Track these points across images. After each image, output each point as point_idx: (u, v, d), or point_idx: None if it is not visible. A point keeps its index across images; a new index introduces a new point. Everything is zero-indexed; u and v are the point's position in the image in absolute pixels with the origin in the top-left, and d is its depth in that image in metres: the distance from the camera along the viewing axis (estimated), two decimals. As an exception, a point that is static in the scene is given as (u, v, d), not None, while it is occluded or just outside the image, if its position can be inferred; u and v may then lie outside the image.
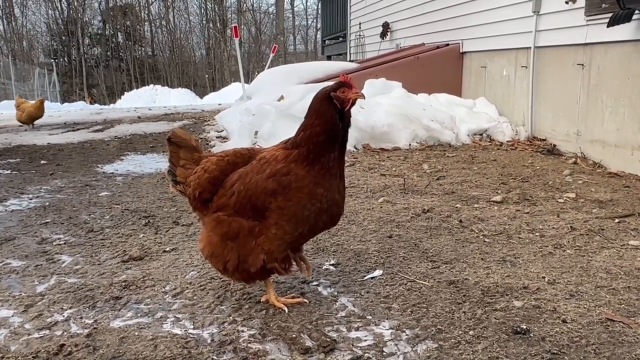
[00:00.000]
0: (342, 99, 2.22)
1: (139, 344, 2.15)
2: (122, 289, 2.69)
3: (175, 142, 2.51)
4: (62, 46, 44.05)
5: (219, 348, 2.11)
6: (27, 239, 3.55)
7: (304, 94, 7.20)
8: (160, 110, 15.45)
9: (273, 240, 2.25)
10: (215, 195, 2.36)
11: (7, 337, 2.25)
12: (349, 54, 15.07)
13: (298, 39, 48.42)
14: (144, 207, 4.32)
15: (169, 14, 44.88)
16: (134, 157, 7.04)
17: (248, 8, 45.15)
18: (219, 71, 42.78)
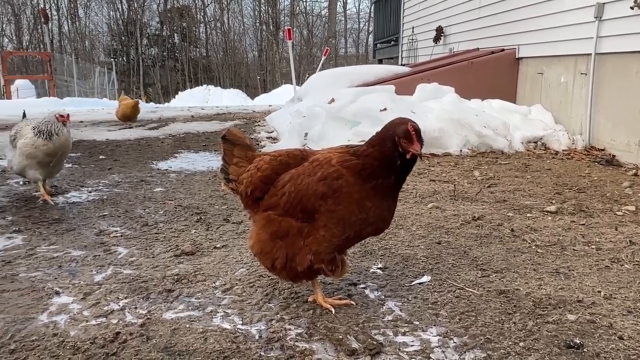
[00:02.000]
0: (404, 148, 2.21)
1: (190, 336, 2.22)
2: (175, 282, 2.78)
3: (229, 140, 2.57)
4: (121, 46, 45.72)
5: (266, 345, 2.15)
6: (86, 230, 3.71)
7: (355, 97, 7.22)
8: (213, 110, 15.79)
9: (321, 242, 2.27)
10: (266, 194, 2.40)
11: (67, 323, 2.36)
12: (401, 57, 14.97)
13: (349, 42, 48.49)
14: (196, 203, 4.43)
15: (224, 15, 45.80)
16: (187, 155, 7.23)
17: (301, 11, 45.56)
18: (270, 73, 43.33)
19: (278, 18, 44.01)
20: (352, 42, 48.79)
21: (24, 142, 4.26)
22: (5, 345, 2.16)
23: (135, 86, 42.18)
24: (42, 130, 4.24)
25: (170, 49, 45.87)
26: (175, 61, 45.32)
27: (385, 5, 17.41)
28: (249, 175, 2.44)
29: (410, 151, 2.20)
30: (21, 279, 2.85)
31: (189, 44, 45.36)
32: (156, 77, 43.32)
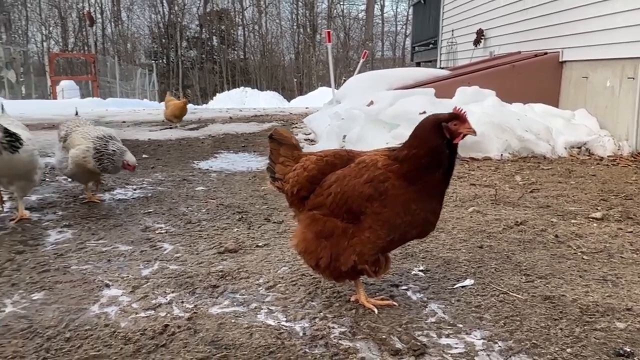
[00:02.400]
0: (453, 131, 2.22)
1: (236, 331, 2.26)
2: (219, 278, 2.84)
3: (276, 139, 2.60)
4: (161, 48, 46.74)
5: (310, 342, 2.17)
6: (132, 226, 3.82)
7: (394, 100, 7.20)
8: (250, 112, 15.97)
9: (366, 243, 2.28)
10: (312, 193, 2.42)
11: (117, 314, 2.44)
12: (439, 60, 14.84)
13: (386, 45, 48.34)
14: (237, 203, 4.50)
15: (262, 18, 46.30)
16: (226, 155, 7.35)
17: (338, 14, 45.66)
18: (306, 75, 43.58)
19: (315, 21, 44.24)
20: (388, 45, 48.64)
21: (77, 153, 4.14)
22: (60, 333, 2.25)
23: (174, 88, 43.02)
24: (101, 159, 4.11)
25: (209, 51, 46.64)
26: (213, 63, 46.07)
27: (425, 8, 17.31)
28: (295, 174, 2.47)
29: (462, 131, 2.20)
30: (73, 271, 2.95)
31: (227, 46, 46.03)
32: (195, 79, 44.11)
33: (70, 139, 4.27)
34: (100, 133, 4.23)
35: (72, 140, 4.24)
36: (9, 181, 3.80)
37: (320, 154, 2.51)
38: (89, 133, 4.22)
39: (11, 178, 3.77)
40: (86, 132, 4.25)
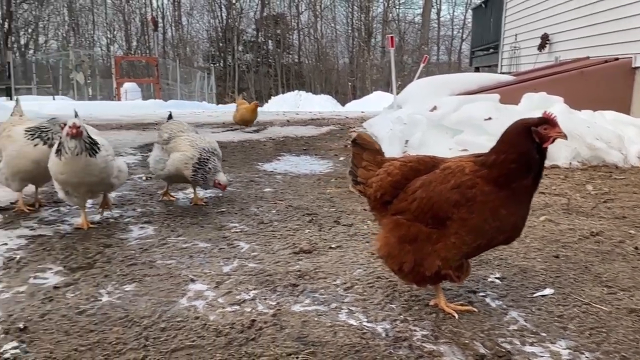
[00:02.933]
0: (543, 136, 2.22)
1: (320, 329, 2.34)
2: (298, 277, 2.92)
3: (359, 144, 2.66)
4: (219, 52, 47.88)
5: (394, 343, 2.22)
6: (208, 225, 3.97)
7: (458, 105, 7.14)
8: (307, 115, 16.15)
9: (451, 248, 2.31)
10: (395, 198, 2.47)
11: (205, 308, 2.56)
12: (500, 66, 14.56)
13: (442, 49, 47.75)
14: (305, 205, 4.60)
15: (317, 22, 46.68)
16: (289, 158, 7.48)
17: (394, 18, 45.47)
18: (360, 80, 43.59)
19: (371, 25, 44.22)
20: (444, 49, 48.04)
21: (180, 158, 4.23)
22: (155, 323, 2.39)
23: (231, 90, 43.96)
24: (198, 170, 4.18)
25: (264, 55, 47.42)
26: (268, 67, 46.80)
27: (485, 12, 17.02)
28: (379, 179, 2.52)
29: (552, 135, 2.20)
30: (158, 266, 3.11)
31: (283, 50, 46.65)
32: (250, 82, 44.92)
33: (175, 143, 4.35)
34: (207, 145, 4.31)
35: (178, 144, 4.32)
36: (89, 191, 3.75)
37: (404, 159, 2.56)
38: (197, 142, 4.30)
39: (89, 185, 3.68)
40: (194, 140, 4.33)
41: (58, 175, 3.59)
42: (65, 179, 3.58)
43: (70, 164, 3.49)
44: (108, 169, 3.72)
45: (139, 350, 2.14)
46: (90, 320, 2.41)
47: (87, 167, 3.53)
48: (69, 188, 3.67)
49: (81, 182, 3.61)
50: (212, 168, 4.20)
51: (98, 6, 48.32)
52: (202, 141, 4.35)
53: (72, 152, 3.44)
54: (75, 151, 3.44)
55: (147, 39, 47.02)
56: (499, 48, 14.94)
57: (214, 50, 48.23)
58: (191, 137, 4.37)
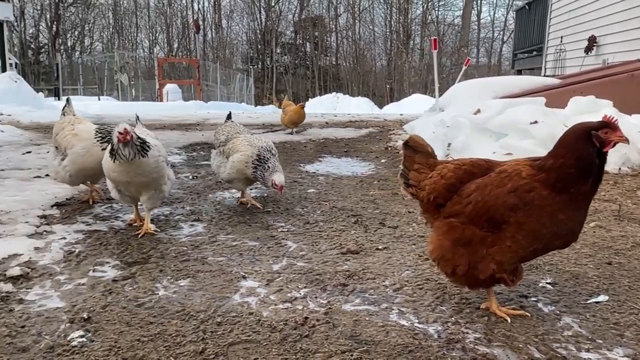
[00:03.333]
0: (603, 140, 2.20)
1: (372, 328, 2.37)
2: (347, 277, 2.96)
3: (411, 147, 2.67)
4: (257, 54, 48.43)
5: (447, 345, 2.23)
6: (255, 224, 4.05)
7: (502, 109, 7.04)
8: (345, 117, 16.16)
9: (506, 252, 2.30)
10: (449, 201, 2.47)
11: (258, 304, 2.63)
12: (544, 68, 14.28)
13: (481, 51, 47.06)
14: (349, 206, 4.63)
15: (355, 24, 46.69)
16: (330, 159, 7.53)
17: (433, 20, 45.09)
18: (398, 82, 43.37)
19: (409, 27, 43.96)
20: (484, 51, 47.34)
21: (240, 158, 4.24)
22: (211, 317, 2.46)
23: (268, 92, 44.41)
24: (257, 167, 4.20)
25: (302, 57, 47.71)
26: (306, 69, 47.07)
27: (529, 14, 16.72)
28: (432, 182, 2.52)
29: (613, 140, 2.17)
30: (210, 262, 3.20)
31: (320, 52, 46.84)
32: (288, 84, 45.28)
33: (233, 144, 4.37)
34: (264, 144, 4.32)
35: (236, 145, 4.34)
36: (138, 191, 3.73)
37: (457, 162, 2.56)
38: (255, 142, 4.32)
39: (140, 187, 3.67)
40: (251, 139, 4.35)
41: (110, 173, 3.64)
42: (117, 177, 3.61)
43: (124, 165, 3.51)
44: (160, 169, 3.71)
45: (198, 343, 2.22)
46: (149, 313, 2.50)
47: (139, 167, 3.53)
48: (121, 186, 3.71)
49: (132, 182, 3.62)
50: (270, 167, 4.19)
51: (141, 9, 49.55)
52: (260, 140, 4.37)
53: (127, 159, 3.45)
54: (129, 157, 3.45)
55: (188, 41, 47.96)
56: (543, 50, 14.65)
57: (252, 52, 48.81)
58: (249, 137, 4.39)
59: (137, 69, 34.40)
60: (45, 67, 44.53)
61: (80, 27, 48.40)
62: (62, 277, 2.95)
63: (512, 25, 35.89)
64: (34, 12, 46.29)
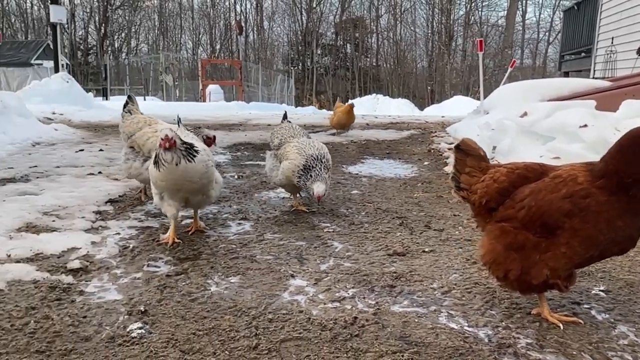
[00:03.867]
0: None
1: (421, 330, 2.38)
2: (394, 279, 2.97)
3: (463, 150, 2.65)
4: (298, 55, 48.74)
5: (498, 349, 2.22)
6: (301, 224, 4.10)
7: (550, 111, 6.90)
8: (386, 119, 16.13)
9: (560, 258, 2.27)
10: (501, 205, 2.45)
11: (307, 303, 2.67)
12: (593, 70, 13.88)
13: (526, 52, 46.06)
14: (393, 208, 4.63)
15: (397, 25, 46.43)
16: (372, 161, 7.53)
17: (476, 20, 44.41)
18: (439, 84, 42.90)
19: (452, 28, 43.42)
20: (528, 52, 46.32)
21: (289, 167, 4.20)
22: (262, 314, 2.52)
23: (308, 93, 44.65)
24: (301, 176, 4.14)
25: (343, 58, 47.77)
26: (346, 70, 47.13)
27: (578, 15, 16.28)
28: (484, 185, 2.51)
29: None
30: (259, 260, 3.26)
31: (361, 53, 46.78)
32: (328, 85, 45.42)
33: (284, 150, 4.33)
34: (315, 152, 4.21)
35: (286, 152, 4.29)
36: (185, 198, 3.56)
37: (511, 166, 2.53)
38: (305, 149, 4.22)
39: (187, 193, 3.52)
40: (302, 147, 4.25)
41: (158, 182, 3.49)
42: (165, 185, 3.47)
43: (170, 172, 3.37)
44: (209, 174, 3.57)
45: (251, 338, 2.28)
46: (202, 308, 2.58)
47: (186, 172, 3.39)
48: (165, 193, 3.54)
49: (181, 189, 3.47)
50: (313, 176, 4.12)
51: (185, 11, 50.61)
52: (312, 147, 4.26)
53: (169, 164, 3.33)
54: (173, 162, 3.33)
55: (230, 42, 48.69)
56: (592, 52, 14.24)
57: (293, 54, 49.17)
58: (300, 144, 4.29)
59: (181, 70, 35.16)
60: (93, 68, 46.06)
61: (127, 29, 49.81)
62: (118, 270, 3.07)
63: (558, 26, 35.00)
64: (84, 15, 47.93)
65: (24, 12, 48.26)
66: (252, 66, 32.50)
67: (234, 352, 2.18)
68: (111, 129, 11.56)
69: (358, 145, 9.33)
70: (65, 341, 2.25)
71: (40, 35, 43.58)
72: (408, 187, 5.60)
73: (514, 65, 11.48)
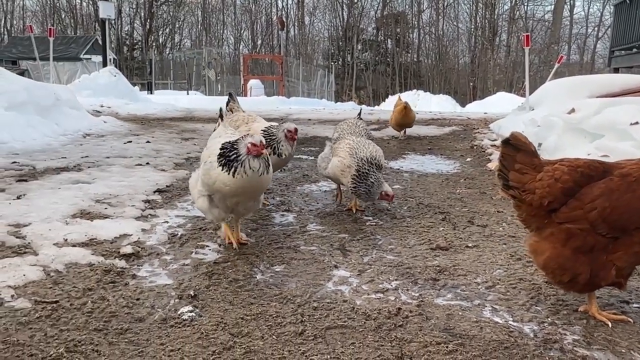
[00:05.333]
0: None
1: (465, 323, 2.38)
2: (437, 272, 2.98)
3: (513, 145, 2.50)
4: (338, 51, 48.71)
5: (544, 344, 2.21)
6: (344, 217, 4.14)
7: (599, 108, 6.71)
8: (427, 115, 15.93)
9: (631, 257, 2.25)
10: (563, 205, 2.36)
11: (351, 293, 2.71)
12: (645, 66, 13.37)
13: (573, 48, 44.72)
14: (436, 203, 4.62)
15: (439, 21, 45.82)
16: (414, 156, 7.50)
17: (521, 15, 43.38)
18: (481, 80, 42.14)
19: (496, 23, 42.56)
20: (575, 48, 44.97)
21: (337, 165, 4.07)
22: (308, 302, 2.57)
23: (348, 88, 44.60)
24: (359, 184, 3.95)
25: (383, 53, 47.48)
26: (386, 65, 46.84)
27: (630, 8, 15.70)
28: (545, 185, 2.38)
29: None
30: (302, 251, 3.32)
31: (402, 49, 46.39)
32: (368, 81, 45.25)
33: (338, 146, 4.21)
34: (367, 155, 4.03)
35: (339, 149, 4.17)
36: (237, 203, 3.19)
37: (571, 164, 2.41)
38: (358, 150, 4.04)
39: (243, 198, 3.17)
40: (355, 147, 4.08)
41: (222, 187, 3.06)
42: (230, 191, 3.07)
43: (250, 180, 3.03)
44: (269, 181, 3.31)
45: (297, 325, 2.33)
46: (249, 294, 2.65)
47: (261, 182, 3.11)
48: (217, 196, 3.16)
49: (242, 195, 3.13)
50: (374, 182, 3.93)
51: (228, 7, 51.27)
52: (365, 150, 4.08)
53: (254, 172, 3.01)
54: (258, 171, 3.02)
55: (271, 37, 49.06)
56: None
57: (333, 49, 49.17)
58: (354, 144, 4.12)
59: (223, 65, 35.67)
60: (138, 63, 47.23)
61: (171, 24, 50.83)
62: (167, 257, 3.18)
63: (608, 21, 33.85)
64: (130, 11, 49.16)
65: (74, 9, 49.87)
66: (293, 61, 32.70)
67: (281, 337, 2.24)
68: (157, 121, 11.88)
69: (399, 141, 9.30)
70: (120, 321, 2.36)
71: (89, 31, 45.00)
72: (450, 183, 5.57)
73: (562, 61, 11.17)
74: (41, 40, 16.51)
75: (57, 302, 2.51)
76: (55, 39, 16.54)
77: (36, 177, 5.17)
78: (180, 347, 2.13)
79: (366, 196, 4.01)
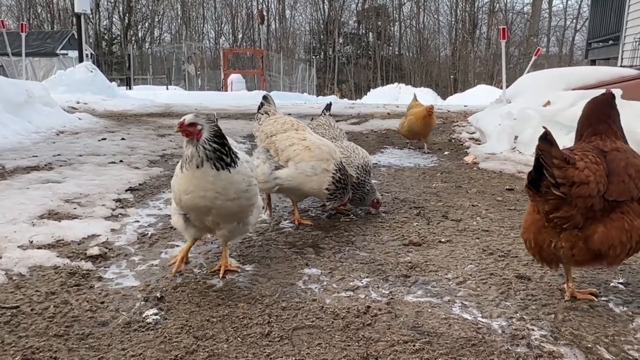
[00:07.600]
0: None
1: (434, 321, 2.37)
2: (409, 269, 2.96)
3: (549, 140, 2.28)
4: (319, 44, 48.55)
5: (511, 340, 2.20)
6: (318, 213, 4.11)
7: (574, 100, 6.75)
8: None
9: None
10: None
11: (321, 291, 2.68)
12: (621, 58, 13.54)
13: (552, 40, 45.13)
14: (411, 198, 4.61)
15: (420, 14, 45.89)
16: (392, 150, 7.51)
17: (500, 8, 43.63)
18: (462, 72, 42.35)
19: (476, 15, 42.76)
20: (554, 40, 45.39)
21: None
22: (277, 302, 2.53)
23: (330, 82, 44.53)
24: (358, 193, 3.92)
25: (365, 47, 47.44)
26: (368, 59, 46.81)
27: (605, 1, 15.88)
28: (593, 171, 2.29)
29: None
30: (274, 249, 3.28)
31: (383, 42, 46.40)
32: (350, 74, 45.22)
33: None
34: (362, 162, 4.03)
35: None
36: (215, 222, 2.75)
37: (591, 147, 2.46)
38: (352, 159, 4.01)
39: (220, 216, 2.70)
40: (347, 156, 4.02)
41: (182, 195, 2.63)
42: (191, 200, 2.61)
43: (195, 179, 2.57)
44: (251, 196, 2.76)
45: (264, 326, 2.30)
46: (217, 295, 2.60)
47: (216, 183, 2.57)
48: (193, 214, 2.75)
49: (212, 206, 2.63)
50: (370, 189, 3.95)
51: (208, 1, 50.75)
52: (357, 156, 4.04)
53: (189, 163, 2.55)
54: (194, 162, 2.53)
55: (252, 31, 48.72)
56: (620, 39, 13.88)
57: (315, 43, 49.01)
58: (345, 151, 4.06)
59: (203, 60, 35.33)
60: (117, 58, 46.57)
61: (150, 18, 50.18)
62: (136, 257, 3.12)
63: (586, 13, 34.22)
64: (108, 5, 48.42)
65: (50, 3, 48.96)
66: (274, 55, 32.51)
67: (246, 339, 2.20)
68: (134, 118, 11.72)
69: (378, 135, 9.30)
70: (83, 326, 2.30)
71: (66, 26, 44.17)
72: (427, 177, 5.57)
73: (539, 53, 11.24)
74: (15, 36, 16.11)
75: (17, 307, 2.44)
76: (31, 34, 16.23)
77: (5, 176, 5.06)
78: (142, 352, 2.08)
79: (360, 202, 4.02)
